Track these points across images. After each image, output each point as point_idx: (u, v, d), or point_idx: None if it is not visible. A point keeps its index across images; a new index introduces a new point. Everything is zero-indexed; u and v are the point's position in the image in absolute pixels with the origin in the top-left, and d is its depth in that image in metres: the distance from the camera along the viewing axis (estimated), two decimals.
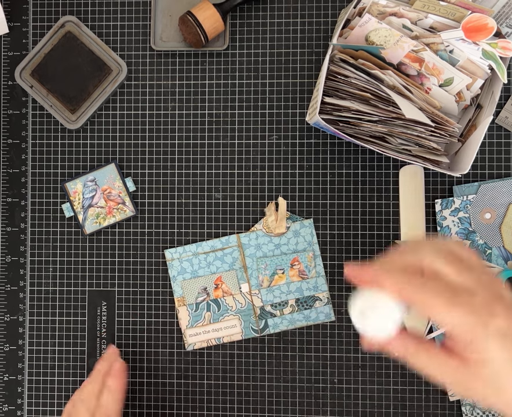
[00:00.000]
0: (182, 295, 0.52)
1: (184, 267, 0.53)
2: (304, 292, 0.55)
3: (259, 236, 0.52)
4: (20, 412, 0.63)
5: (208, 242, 0.52)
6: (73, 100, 0.63)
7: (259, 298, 0.54)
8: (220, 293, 0.53)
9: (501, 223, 0.60)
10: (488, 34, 0.55)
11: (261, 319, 0.55)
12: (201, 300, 0.52)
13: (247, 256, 0.53)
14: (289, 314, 0.56)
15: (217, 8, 0.60)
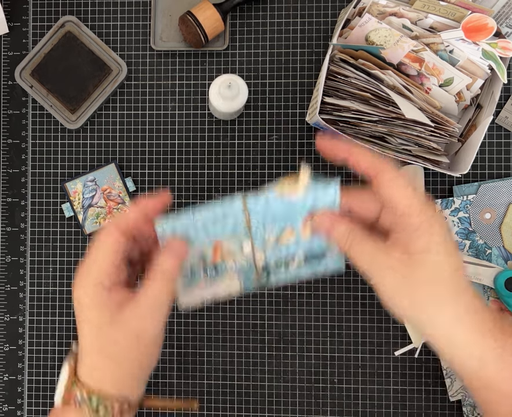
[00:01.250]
0: None
1: (175, 228, 0.45)
2: (315, 248, 0.49)
3: (270, 200, 0.46)
4: (20, 412, 0.63)
5: (208, 207, 0.44)
6: (73, 100, 0.63)
7: (262, 256, 0.49)
8: (218, 257, 0.47)
9: (501, 223, 0.60)
10: (488, 34, 0.55)
11: (263, 275, 0.50)
12: (197, 268, 0.47)
13: (252, 218, 0.47)
14: (295, 269, 0.50)
15: (217, 8, 0.60)
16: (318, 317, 0.62)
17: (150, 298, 0.44)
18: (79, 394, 0.44)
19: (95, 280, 0.43)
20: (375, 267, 0.44)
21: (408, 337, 0.61)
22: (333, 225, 0.45)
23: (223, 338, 0.63)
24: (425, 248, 0.43)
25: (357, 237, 0.44)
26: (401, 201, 0.43)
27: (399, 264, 0.43)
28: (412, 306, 0.44)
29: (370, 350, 0.62)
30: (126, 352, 0.44)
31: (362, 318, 0.62)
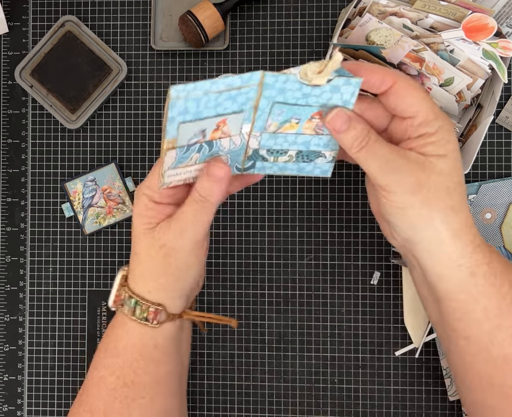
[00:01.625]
0: (175, 136, 0.42)
1: (187, 108, 0.40)
2: (311, 147, 0.47)
3: (290, 80, 0.41)
4: (20, 412, 0.63)
5: (226, 80, 0.40)
6: (73, 100, 0.63)
7: (257, 140, 0.46)
8: (218, 134, 0.44)
9: (502, 223, 0.60)
10: (489, 34, 0.55)
11: (249, 161, 0.47)
12: (195, 142, 0.43)
13: (263, 98, 0.42)
14: (284, 162, 0.48)
15: (217, 8, 0.60)
16: (318, 317, 0.62)
17: (181, 218, 0.46)
18: (123, 295, 0.49)
19: (146, 190, 0.46)
20: (389, 169, 0.43)
21: (408, 337, 0.61)
22: (350, 122, 0.43)
23: (223, 338, 0.63)
24: (443, 152, 0.43)
25: (373, 136, 0.44)
26: (421, 108, 0.43)
27: (416, 167, 0.43)
28: (418, 215, 0.44)
29: (370, 350, 0.62)
30: (154, 263, 0.47)
31: (362, 318, 0.62)
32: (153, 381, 0.50)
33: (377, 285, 0.62)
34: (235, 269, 0.63)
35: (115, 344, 0.50)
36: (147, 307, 0.48)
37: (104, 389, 0.50)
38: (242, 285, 0.63)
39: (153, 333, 0.49)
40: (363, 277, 0.62)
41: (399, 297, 0.62)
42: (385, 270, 0.62)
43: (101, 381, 0.50)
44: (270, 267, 0.63)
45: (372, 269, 0.62)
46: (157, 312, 0.48)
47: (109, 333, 0.51)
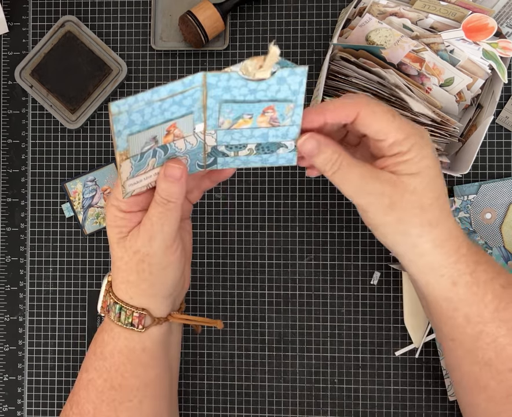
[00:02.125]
0: (127, 148, 0.42)
1: (133, 120, 0.41)
2: (270, 138, 0.46)
3: (232, 77, 0.41)
4: (20, 412, 0.63)
5: (167, 86, 0.40)
6: (73, 100, 0.63)
7: (213, 138, 0.46)
8: (171, 138, 0.44)
9: (502, 223, 0.60)
10: (489, 34, 0.55)
11: (210, 157, 0.47)
12: (148, 149, 0.43)
13: (210, 97, 0.42)
14: (245, 156, 0.48)
15: (217, 8, 0.60)
16: (318, 317, 0.62)
17: (147, 224, 0.46)
18: (109, 301, 0.50)
19: (114, 201, 0.47)
20: (362, 193, 0.44)
21: (408, 337, 0.61)
22: (319, 148, 0.44)
23: (223, 338, 0.63)
24: (416, 170, 0.43)
25: (344, 161, 0.44)
26: (389, 131, 0.43)
27: (388, 188, 0.43)
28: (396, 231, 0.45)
29: (370, 350, 0.62)
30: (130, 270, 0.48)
31: (362, 318, 0.62)
32: (141, 384, 0.50)
33: (377, 285, 0.62)
34: (235, 269, 0.63)
35: (102, 349, 0.50)
36: (131, 312, 0.48)
37: (93, 392, 0.50)
38: (242, 285, 0.63)
39: (140, 337, 0.49)
40: (363, 277, 0.62)
41: (399, 297, 0.62)
42: (385, 270, 0.62)
43: (90, 384, 0.50)
44: (270, 267, 0.63)
45: (372, 269, 0.62)
46: (142, 317, 0.49)
47: (97, 337, 0.51)
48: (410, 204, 0.44)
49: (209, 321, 0.54)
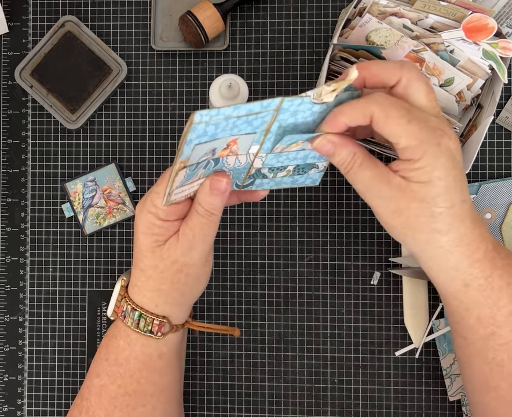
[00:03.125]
0: (188, 156, 0.42)
1: (206, 131, 0.41)
2: (308, 160, 0.48)
3: (304, 102, 0.43)
4: (20, 412, 0.63)
5: (248, 106, 0.41)
6: (73, 100, 0.63)
7: (261, 160, 0.47)
8: (227, 152, 0.45)
9: (502, 223, 0.60)
10: (489, 34, 0.55)
11: (250, 179, 0.49)
12: (204, 159, 0.44)
13: (276, 121, 0.43)
14: (281, 177, 0.49)
15: (217, 8, 0.60)
16: (318, 317, 0.62)
17: (188, 234, 0.46)
18: (125, 307, 0.49)
19: (152, 208, 0.46)
20: (372, 194, 0.44)
21: (409, 338, 0.61)
22: (335, 148, 0.44)
23: (223, 338, 0.63)
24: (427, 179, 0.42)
25: (358, 162, 0.44)
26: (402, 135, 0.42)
27: (397, 194, 0.43)
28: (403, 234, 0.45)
29: (370, 350, 0.62)
30: (164, 279, 0.47)
31: (363, 318, 0.62)
32: (156, 391, 0.50)
33: (377, 285, 0.62)
34: (235, 269, 0.63)
35: (116, 356, 0.50)
36: (151, 320, 0.48)
37: (106, 398, 0.50)
38: (242, 286, 0.63)
39: (157, 344, 0.49)
40: (363, 277, 0.62)
41: (399, 297, 0.62)
42: (385, 270, 0.62)
43: (103, 390, 0.50)
44: (270, 267, 0.63)
45: (372, 269, 0.62)
46: (162, 324, 0.49)
47: (110, 343, 0.51)
48: (417, 213, 0.43)
49: (227, 329, 0.54)
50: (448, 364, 0.60)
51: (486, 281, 0.45)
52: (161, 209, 0.46)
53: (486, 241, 0.46)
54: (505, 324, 0.45)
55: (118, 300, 0.50)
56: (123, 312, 0.50)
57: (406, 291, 0.61)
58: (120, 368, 0.49)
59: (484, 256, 0.45)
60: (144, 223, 0.47)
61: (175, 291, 0.48)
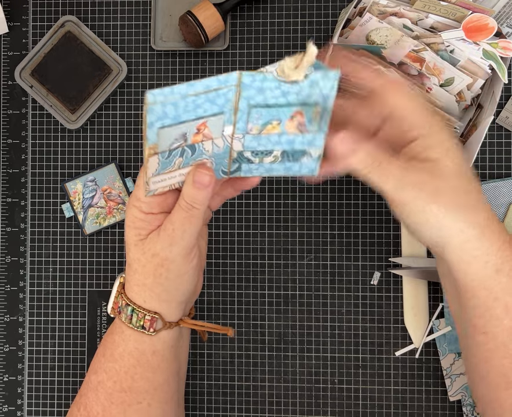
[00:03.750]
0: (156, 142, 0.42)
1: (166, 112, 0.41)
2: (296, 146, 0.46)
3: (267, 79, 0.41)
4: (20, 412, 0.63)
5: (203, 81, 0.40)
6: (73, 100, 0.63)
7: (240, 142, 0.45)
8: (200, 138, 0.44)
9: (502, 223, 0.60)
10: (489, 34, 0.55)
11: (234, 163, 0.47)
12: (176, 146, 0.43)
13: (242, 98, 0.42)
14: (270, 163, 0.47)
15: (217, 8, 0.60)
16: (318, 317, 0.62)
17: (169, 228, 0.46)
18: (120, 303, 0.50)
19: (136, 202, 0.46)
20: (404, 185, 0.43)
21: (409, 338, 0.61)
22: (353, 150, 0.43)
23: (223, 338, 0.63)
24: (443, 151, 0.43)
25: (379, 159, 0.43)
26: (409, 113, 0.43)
27: (427, 176, 0.42)
28: (439, 219, 0.43)
29: (370, 350, 0.62)
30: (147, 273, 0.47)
31: (362, 318, 0.62)
32: (150, 387, 0.50)
33: (377, 285, 0.62)
34: (235, 269, 0.63)
35: (112, 351, 0.50)
36: (143, 315, 0.48)
37: (103, 394, 0.50)
38: (242, 285, 0.63)
39: (151, 341, 0.49)
40: (363, 277, 0.62)
41: (399, 297, 0.62)
42: (385, 270, 0.62)
43: (100, 386, 0.50)
44: (270, 267, 0.63)
45: (372, 269, 0.62)
46: (154, 320, 0.48)
47: (107, 339, 0.51)
48: (453, 187, 0.42)
49: (220, 328, 0.54)
50: (448, 364, 0.60)
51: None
52: (144, 202, 0.46)
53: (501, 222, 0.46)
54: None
55: (115, 297, 0.51)
56: (118, 308, 0.50)
57: (406, 291, 0.61)
58: (115, 364, 0.49)
59: (510, 238, 0.44)
60: (129, 216, 0.47)
61: (158, 286, 0.48)
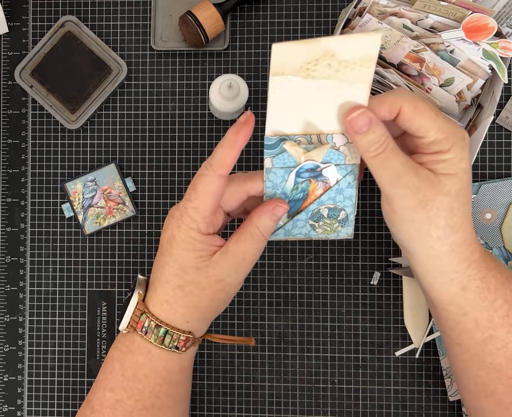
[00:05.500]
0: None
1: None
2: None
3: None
4: (20, 412, 0.63)
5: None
6: (73, 100, 0.63)
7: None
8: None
9: (502, 223, 0.60)
10: (489, 34, 0.55)
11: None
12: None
13: None
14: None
15: (217, 8, 0.60)
16: (318, 317, 0.62)
17: (239, 256, 0.46)
18: (147, 323, 0.47)
19: (192, 223, 0.45)
20: (398, 183, 0.43)
21: (409, 338, 0.61)
22: (371, 125, 0.42)
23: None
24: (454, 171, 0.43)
25: (391, 145, 0.43)
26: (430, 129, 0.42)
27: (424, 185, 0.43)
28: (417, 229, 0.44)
29: (370, 350, 0.62)
30: (204, 296, 0.47)
31: (363, 318, 0.62)
32: (174, 403, 0.49)
33: (377, 285, 0.62)
34: None
35: (134, 371, 0.48)
36: (178, 336, 0.47)
37: (121, 412, 0.48)
38: (242, 285, 0.63)
39: (179, 358, 0.49)
40: (363, 277, 0.62)
41: (399, 297, 0.62)
42: (385, 270, 0.62)
43: (118, 405, 0.48)
44: (270, 267, 0.63)
45: (372, 269, 0.62)
46: (188, 340, 0.48)
47: (126, 358, 0.49)
48: (440, 206, 0.43)
49: (243, 340, 0.54)
50: (448, 364, 0.60)
51: (482, 282, 0.45)
52: (202, 223, 0.45)
53: (479, 243, 0.46)
54: (502, 325, 0.45)
55: (137, 315, 0.48)
56: (143, 328, 0.48)
57: (406, 291, 0.61)
58: (139, 384, 0.48)
59: (480, 257, 0.45)
60: (183, 239, 0.46)
61: (210, 308, 0.47)
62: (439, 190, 0.43)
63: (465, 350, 0.47)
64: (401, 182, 0.43)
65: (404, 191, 0.43)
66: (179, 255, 0.46)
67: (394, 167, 0.43)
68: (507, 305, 0.45)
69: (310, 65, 0.41)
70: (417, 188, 0.43)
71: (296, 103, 0.43)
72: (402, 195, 0.43)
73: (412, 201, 0.43)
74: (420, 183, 0.43)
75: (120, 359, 0.49)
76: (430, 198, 0.43)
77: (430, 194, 0.43)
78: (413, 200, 0.43)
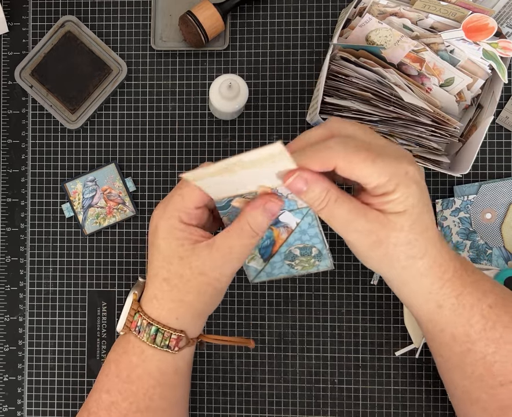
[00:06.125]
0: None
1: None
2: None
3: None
4: (20, 412, 0.63)
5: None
6: (73, 100, 0.62)
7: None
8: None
9: (502, 223, 0.60)
10: (489, 34, 0.55)
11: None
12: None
13: None
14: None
15: (217, 8, 0.60)
16: (318, 317, 0.62)
17: (225, 249, 0.45)
18: (139, 321, 0.48)
19: (174, 212, 0.45)
20: (349, 229, 0.44)
21: (408, 338, 0.61)
22: (308, 185, 0.43)
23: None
24: (402, 208, 0.43)
25: (333, 197, 0.43)
26: (371, 176, 0.42)
27: (375, 226, 0.43)
28: (381, 263, 0.45)
29: (370, 350, 0.62)
30: (189, 289, 0.46)
31: (363, 318, 0.62)
32: (169, 405, 0.49)
33: (377, 285, 0.62)
34: None
35: (129, 373, 0.48)
36: (169, 335, 0.47)
37: (116, 414, 0.48)
38: (242, 285, 0.63)
39: (173, 359, 0.48)
40: (363, 277, 0.62)
41: None
42: None
43: (113, 406, 0.48)
44: None
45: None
46: (179, 339, 0.48)
47: (121, 359, 0.49)
48: (397, 241, 0.43)
49: (242, 341, 0.54)
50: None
51: (458, 300, 0.45)
52: (184, 213, 0.45)
53: (454, 260, 0.46)
54: (479, 339, 0.45)
55: (131, 315, 0.48)
56: (137, 327, 0.48)
57: None
58: (132, 385, 0.48)
59: (453, 275, 0.45)
60: (165, 228, 0.46)
61: (200, 303, 0.47)
62: (392, 228, 0.43)
63: (446, 360, 0.48)
64: (351, 228, 0.44)
65: (357, 235, 0.44)
66: (162, 245, 0.46)
67: (341, 216, 0.43)
68: (484, 320, 0.45)
69: (222, 172, 0.41)
70: (368, 230, 0.43)
71: (229, 183, 0.43)
72: (355, 239, 0.44)
73: (366, 243, 0.44)
74: (371, 225, 0.43)
75: (115, 360, 0.49)
76: (383, 237, 0.43)
77: (382, 233, 0.43)
78: (368, 241, 0.44)
